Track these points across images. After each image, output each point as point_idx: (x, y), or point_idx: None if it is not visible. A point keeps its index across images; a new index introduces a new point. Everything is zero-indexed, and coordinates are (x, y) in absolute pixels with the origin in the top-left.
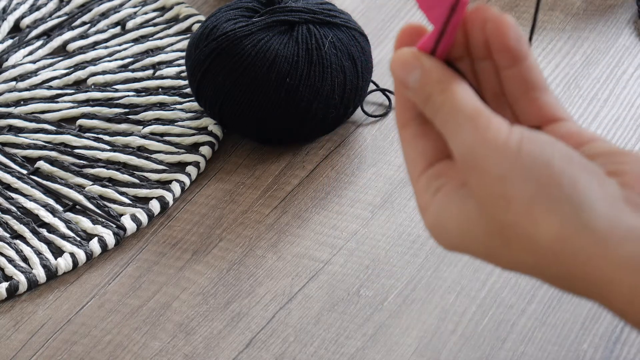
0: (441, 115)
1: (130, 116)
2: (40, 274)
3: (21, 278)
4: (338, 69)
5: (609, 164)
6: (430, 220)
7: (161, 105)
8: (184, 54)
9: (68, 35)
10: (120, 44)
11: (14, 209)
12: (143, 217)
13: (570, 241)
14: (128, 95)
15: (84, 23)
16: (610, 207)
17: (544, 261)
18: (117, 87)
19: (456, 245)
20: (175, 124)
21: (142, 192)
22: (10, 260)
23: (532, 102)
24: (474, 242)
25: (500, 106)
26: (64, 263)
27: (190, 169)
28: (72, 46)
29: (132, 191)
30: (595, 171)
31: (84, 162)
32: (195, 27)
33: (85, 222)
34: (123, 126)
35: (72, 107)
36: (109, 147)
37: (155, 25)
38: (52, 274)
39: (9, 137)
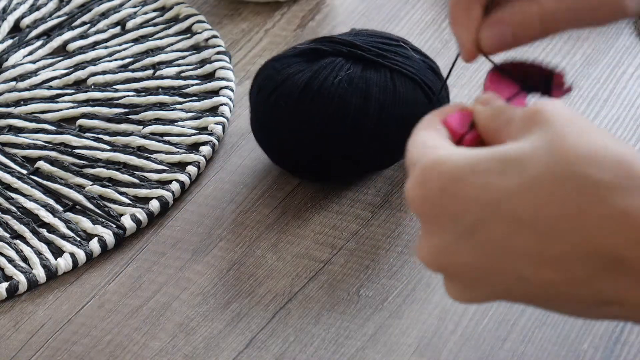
0: (506, 114)
1: (130, 116)
2: (40, 274)
3: (21, 278)
4: (341, 104)
5: None
6: (438, 156)
7: (161, 105)
8: (184, 54)
9: (68, 35)
10: (120, 44)
11: (14, 209)
12: (143, 217)
13: (634, 156)
14: (128, 95)
15: (84, 23)
16: None
17: (597, 159)
18: (117, 87)
19: (453, 181)
20: (175, 124)
21: (142, 192)
22: (10, 260)
23: None
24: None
25: None
26: (64, 263)
27: (190, 169)
28: (72, 46)
29: (132, 191)
30: None
31: (84, 162)
32: (196, 27)
33: (85, 222)
34: (123, 126)
35: (72, 107)
36: (109, 147)
37: (155, 25)
38: (52, 274)
39: (9, 137)
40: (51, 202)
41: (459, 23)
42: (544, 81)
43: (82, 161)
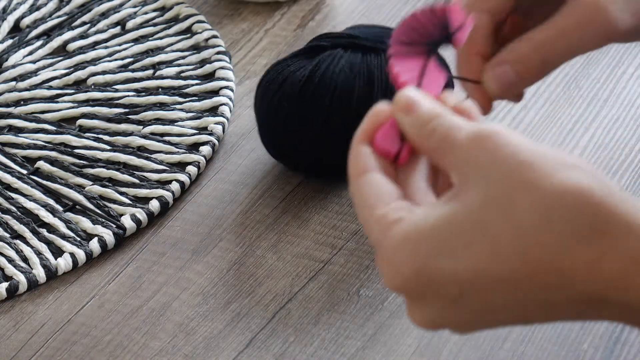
0: (440, 130)
1: (130, 116)
2: (40, 274)
3: (21, 278)
4: (345, 90)
5: None
6: (403, 232)
7: (161, 105)
8: (184, 54)
9: (68, 35)
10: (120, 44)
11: (14, 209)
12: (143, 217)
13: (594, 195)
14: (128, 95)
15: (84, 23)
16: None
17: (556, 217)
18: (117, 87)
19: (427, 258)
20: (175, 124)
21: (142, 192)
22: (10, 260)
23: None
24: (461, 227)
25: None
26: (64, 263)
27: (190, 169)
28: (72, 46)
29: (132, 191)
30: None
31: (84, 162)
32: (196, 27)
33: (85, 222)
34: (123, 126)
35: (72, 107)
36: (109, 147)
37: (155, 25)
38: (52, 274)
39: (9, 137)
40: (51, 202)
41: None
42: (443, 26)
43: (82, 161)
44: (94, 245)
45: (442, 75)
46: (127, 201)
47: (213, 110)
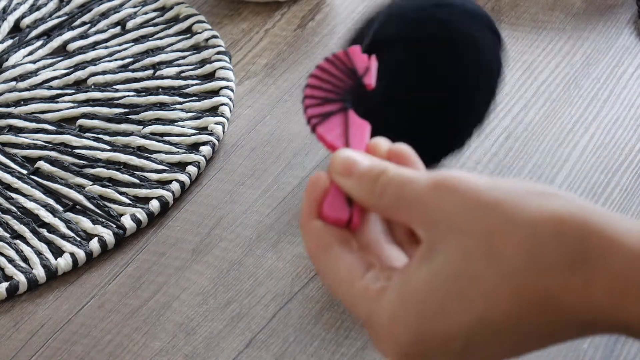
0: (392, 188)
1: (130, 116)
2: (40, 274)
3: (21, 278)
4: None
5: None
6: (392, 302)
7: (161, 105)
8: (184, 54)
9: (68, 35)
10: (120, 44)
11: (14, 209)
12: (143, 217)
13: (573, 218)
14: (128, 95)
15: (84, 23)
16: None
17: (539, 249)
18: (117, 87)
19: (424, 322)
20: (175, 124)
21: (142, 192)
22: (11, 260)
23: None
24: (453, 295)
25: None
26: (64, 263)
27: (191, 168)
28: (72, 46)
29: (132, 191)
30: None
31: (84, 162)
32: (196, 27)
33: (85, 222)
34: (123, 126)
35: (72, 107)
36: (109, 147)
37: (155, 25)
38: (52, 274)
39: (9, 137)
40: (51, 202)
41: None
42: (350, 71)
43: (82, 161)
44: (94, 245)
45: (364, 124)
46: (127, 201)
47: (213, 110)
